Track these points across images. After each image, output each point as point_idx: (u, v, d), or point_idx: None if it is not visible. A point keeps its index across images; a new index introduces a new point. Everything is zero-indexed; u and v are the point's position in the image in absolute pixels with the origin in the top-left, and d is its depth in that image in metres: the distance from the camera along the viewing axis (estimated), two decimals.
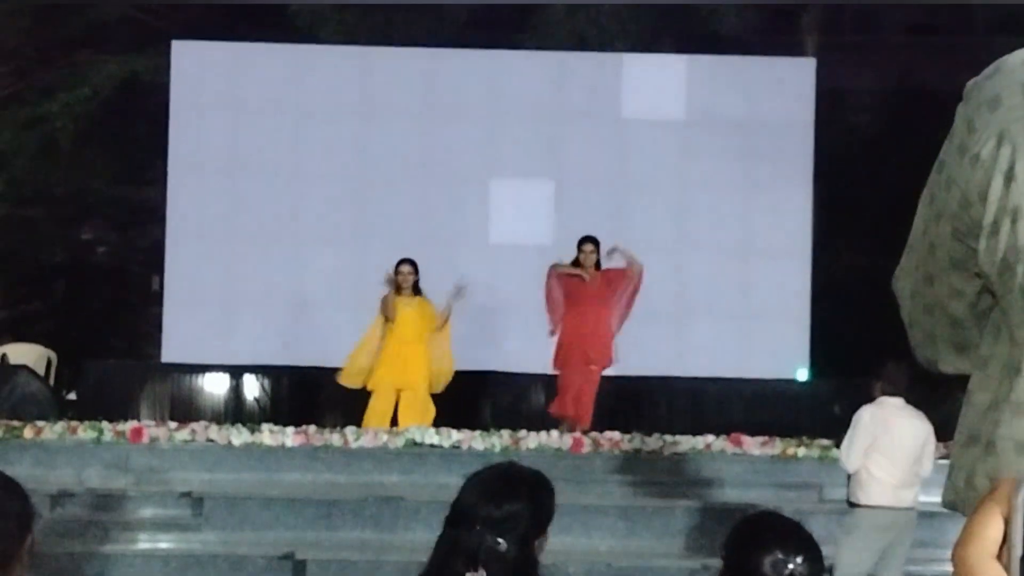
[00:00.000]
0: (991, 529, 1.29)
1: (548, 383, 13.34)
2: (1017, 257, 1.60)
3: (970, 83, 1.71)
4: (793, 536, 3.29)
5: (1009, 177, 1.60)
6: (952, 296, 1.70)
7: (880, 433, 8.17)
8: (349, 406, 12.82)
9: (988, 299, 1.67)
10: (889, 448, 8.17)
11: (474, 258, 14.89)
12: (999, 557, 1.28)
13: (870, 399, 8.51)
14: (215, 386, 13.97)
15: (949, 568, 1.33)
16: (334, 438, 11.06)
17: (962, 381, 1.75)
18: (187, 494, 10.48)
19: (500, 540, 3.19)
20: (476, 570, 3.15)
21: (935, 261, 1.70)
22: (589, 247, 12.20)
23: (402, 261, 12.24)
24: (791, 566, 3.17)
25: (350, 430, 11.30)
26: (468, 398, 13.52)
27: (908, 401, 8.39)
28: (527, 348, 14.72)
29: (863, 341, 13.98)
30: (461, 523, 3.22)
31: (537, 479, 3.42)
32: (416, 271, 12.16)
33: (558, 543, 9.38)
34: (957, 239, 1.67)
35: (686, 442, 11.40)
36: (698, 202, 14.85)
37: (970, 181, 1.64)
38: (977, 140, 1.63)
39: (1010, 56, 1.66)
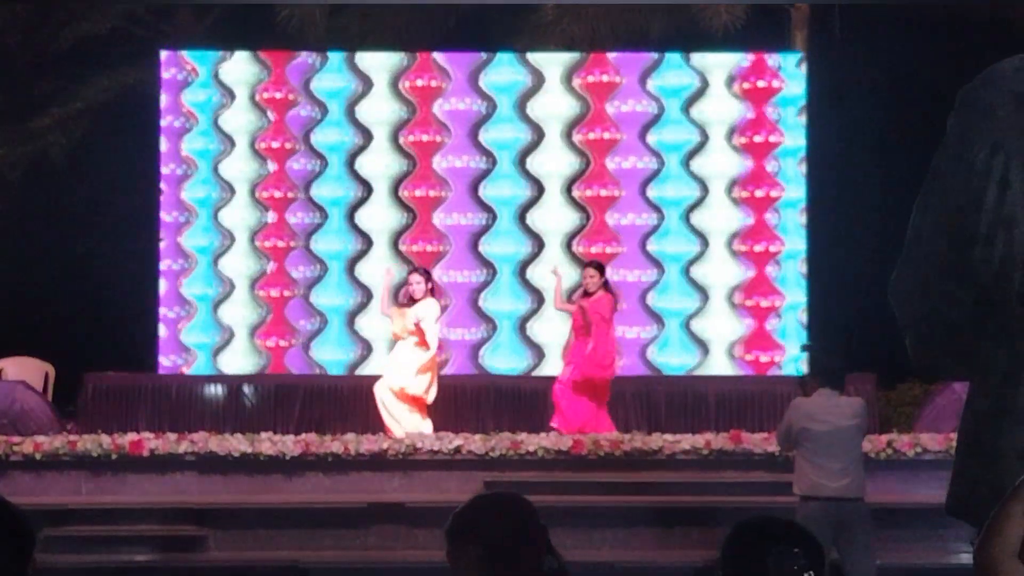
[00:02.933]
0: (1013, 528, 1.29)
1: (548, 386, 13.33)
2: (1013, 265, 1.60)
3: (961, 91, 1.71)
4: (794, 533, 3.31)
5: (1003, 186, 1.60)
6: (949, 304, 1.70)
7: (806, 424, 8.25)
8: (347, 413, 12.83)
9: (986, 307, 1.67)
10: (812, 438, 8.23)
11: (470, 264, 14.88)
12: (1021, 556, 1.28)
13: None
14: (213, 396, 13.97)
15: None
16: (334, 446, 11.06)
17: None
18: (189, 506, 10.49)
19: None
20: None
21: (931, 269, 1.70)
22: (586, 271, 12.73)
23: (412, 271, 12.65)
24: (792, 561, 3.19)
25: (350, 437, 11.31)
26: (467, 402, 13.51)
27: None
28: (527, 351, 14.73)
29: (862, 336, 13.97)
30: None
31: (512, 509, 3.34)
32: (416, 280, 12.29)
33: (559, 544, 9.41)
34: (953, 248, 1.67)
35: (686, 440, 11.41)
36: (690, 200, 14.84)
37: (964, 190, 1.64)
38: (970, 149, 1.63)
39: (1002, 64, 1.66)
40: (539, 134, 14.87)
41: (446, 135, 14.93)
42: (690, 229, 14.73)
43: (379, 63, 15.11)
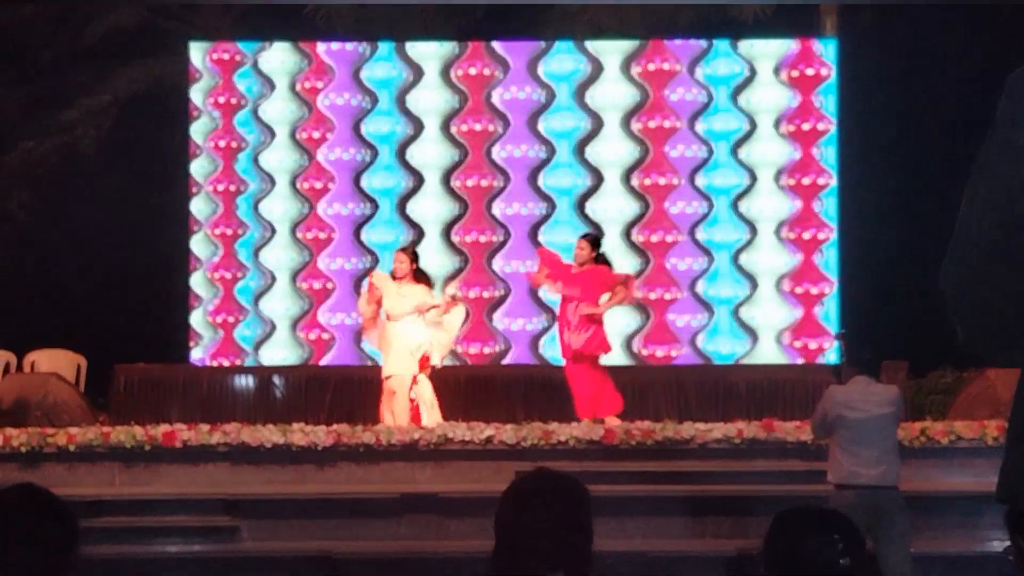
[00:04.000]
0: None
1: None
2: None
3: (1011, 76, 1.69)
4: (834, 521, 3.30)
5: None
6: (999, 290, 1.68)
7: (841, 411, 8.19)
8: (378, 403, 12.82)
9: None
10: (847, 426, 8.18)
11: (506, 250, 14.88)
12: None
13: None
14: (245, 386, 14.00)
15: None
16: (366, 436, 11.07)
17: None
18: (221, 497, 10.51)
19: None
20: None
21: (981, 256, 1.68)
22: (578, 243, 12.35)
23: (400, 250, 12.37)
24: (834, 551, 3.18)
25: (381, 427, 11.31)
26: (498, 392, 13.51)
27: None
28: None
29: (894, 323, 13.90)
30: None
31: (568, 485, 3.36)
32: (407, 259, 12.11)
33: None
34: (1002, 233, 1.65)
35: (718, 429, 11.36)
36: (722, 186, 14.80)
37: (1014, 175, 1.62)
38: (1019, 134, 1.61)
39: None
40: (598, 123, 14.84)
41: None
42: (739, 217, 14.75)
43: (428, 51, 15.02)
